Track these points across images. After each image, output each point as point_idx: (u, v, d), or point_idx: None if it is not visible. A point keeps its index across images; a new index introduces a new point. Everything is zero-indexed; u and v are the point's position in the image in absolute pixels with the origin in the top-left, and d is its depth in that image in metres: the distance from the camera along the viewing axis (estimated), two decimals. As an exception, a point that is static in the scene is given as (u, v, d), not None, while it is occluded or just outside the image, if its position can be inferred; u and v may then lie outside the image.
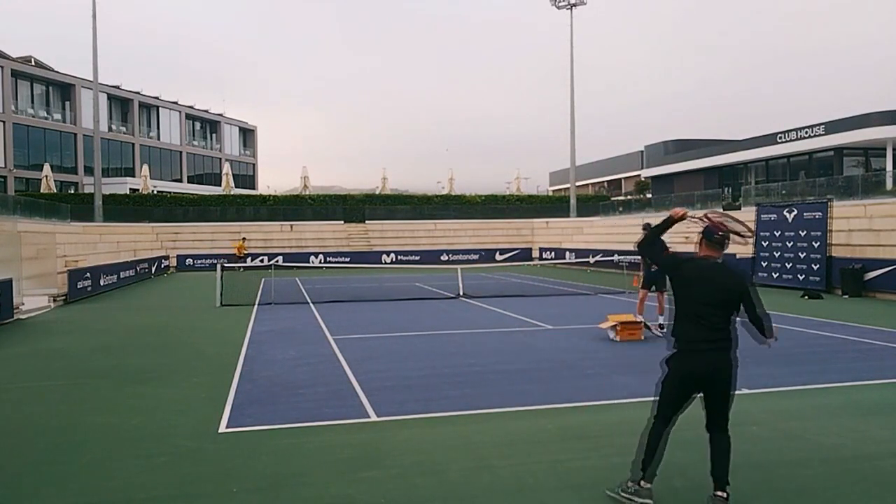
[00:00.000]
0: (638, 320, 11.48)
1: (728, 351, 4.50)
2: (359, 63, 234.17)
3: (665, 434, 4.55)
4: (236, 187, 53.63)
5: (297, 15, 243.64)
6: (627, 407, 6.98)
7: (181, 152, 64.20)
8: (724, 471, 4.41)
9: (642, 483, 4.47)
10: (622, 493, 4.50)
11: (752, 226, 22.56)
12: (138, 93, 59.64)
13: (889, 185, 27.84)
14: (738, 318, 4.58)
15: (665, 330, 12.35)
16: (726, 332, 4.49)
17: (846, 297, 18.36)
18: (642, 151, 58.31)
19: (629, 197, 54.43)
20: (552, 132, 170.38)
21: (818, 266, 19.62)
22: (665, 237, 5.11)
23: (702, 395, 4.55)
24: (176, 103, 64.27)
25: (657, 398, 4.64)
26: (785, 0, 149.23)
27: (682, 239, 29.07)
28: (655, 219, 35.42)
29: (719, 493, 4.35)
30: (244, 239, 35.36)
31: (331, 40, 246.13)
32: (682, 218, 4.68)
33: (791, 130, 39.44)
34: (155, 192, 48.48)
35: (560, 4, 42.44)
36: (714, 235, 4.54)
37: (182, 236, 38.46)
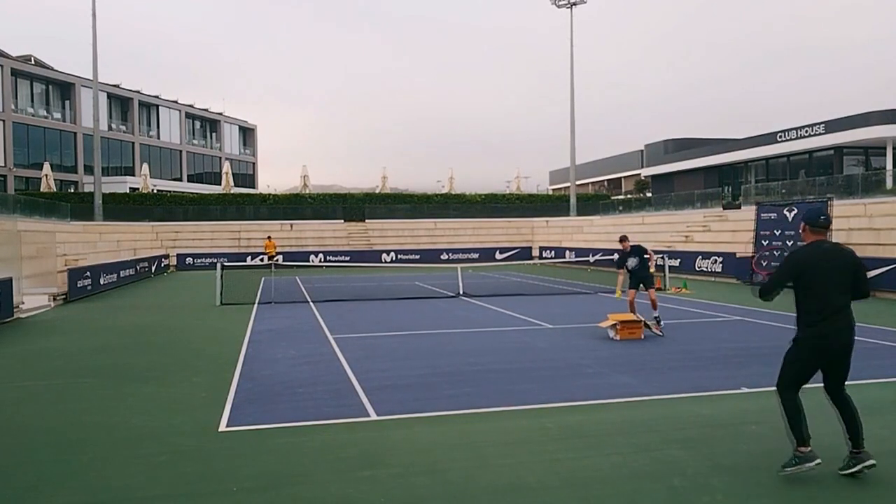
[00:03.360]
0: (638, 319, 11.48)
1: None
2: (358, 62, 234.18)
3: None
4: (236, 186, 53.62)
5: (297, 15, 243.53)
6: (627, 406, 6.98)
7: (181, 151, 64.21)
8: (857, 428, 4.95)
9: (801, 449, 4.81)
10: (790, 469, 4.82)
11: (752, 224, 22.60)
12: (138, 92, 59.63)
13: (889, 184, 27.86)
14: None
15: (661, 325, 12.35)
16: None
17: (846, 296, 18.36)
18: (642, 150, 58.35)
19: (629, 196, 54.45)
20: (552, 131, 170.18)
21: (818, 265, 19.61)
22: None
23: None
24: (176, 102, 64.28)
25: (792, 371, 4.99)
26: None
27: (683, 238, 29.01)
28: (654, 218, 35.18)
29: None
30: (270, 237, 34.22)
31: (330, 40, 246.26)
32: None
33: (791, 129, 39.46)
34: (155, 191, 48.48)
35: (560, 3, 42.41)
36: (820, 218, 5.06)
37: (182, 235, 38.45)
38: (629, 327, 11.22)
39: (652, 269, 12.53)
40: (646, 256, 12.35)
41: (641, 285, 12.28)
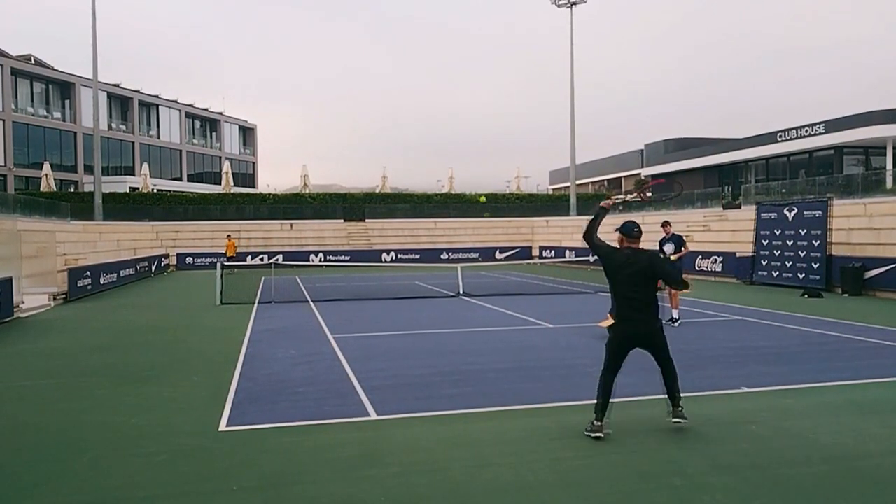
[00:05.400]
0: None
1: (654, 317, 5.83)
2: (358, 61, 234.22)
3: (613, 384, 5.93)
4: (236, 186, 53.59)
5: (297, 15, 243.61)
6: (628, 405, 6.98)
7: (181, 151, 64.21)
8: (676, 389, 6.01)
9: (595, 423, 5.81)
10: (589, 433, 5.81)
11: (752, 224, 22.61)
12: (138, 91, 59.62)
13: (889, 183, 27.86)
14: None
15: (677, 324, 12.38)
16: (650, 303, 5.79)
17: (846, 295, 18.35)
18: (642, 150, 58.32)
19: (629, 196, 54.41)
20: (552, 130, 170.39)
21: (818, 265, 19.62)
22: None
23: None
24: (176, 102, 64.26)
25: (606, 357, 5.98)
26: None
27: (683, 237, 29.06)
28: (656, 217, 35.38)
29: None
30: (229, 236, 32.58)
31: (330, 40, 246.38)
32: (610, 204, 6.12)
33: (791, 129, 39.43)
34: (155, 190, 48.46)
35: (560, 3, 42.35)
36: (633, 230, 5.79)
37: (182, 235, 38.44)
38: (629, 327, 11.20)
39: (673, 256, 12.70)
40: (682, 249, 12.67)
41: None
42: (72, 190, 49.37)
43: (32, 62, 53.06)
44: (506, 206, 46.19)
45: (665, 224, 13.49)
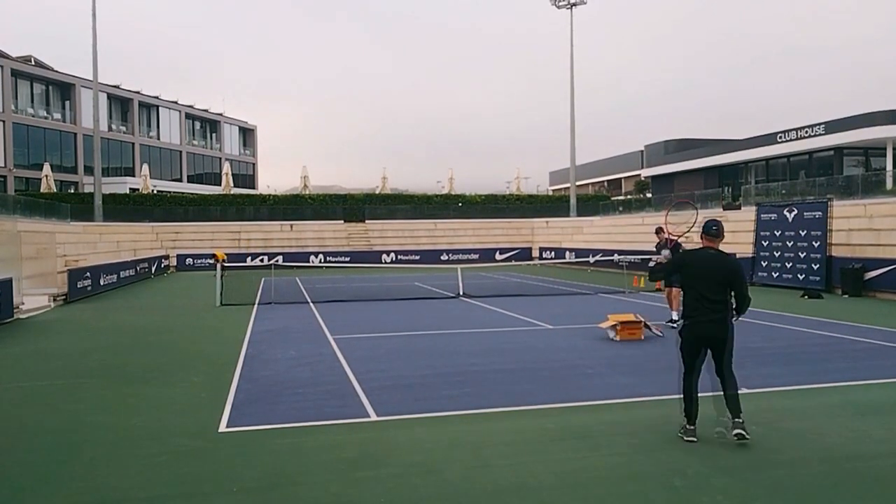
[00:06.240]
0: (638, 320, 11.48)
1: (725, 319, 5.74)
2: (358, 63, 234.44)
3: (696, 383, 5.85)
4: (236, 187, 53.56)
5: (298, 16, 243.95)
6: (628, 406, 6.98)
7: (181, 152, 64.18)
8: (736, 403, 5.70)
9: (688, 425, 5.77)
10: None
11: (753, 225, 22.63)
12: (138, 92, 59.61)
13: (889, 184, 27.82)
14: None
15: (677, 326, 12.39)
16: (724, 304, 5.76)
17: (846, 296, 18.36)
18: (642, 151, 58.34)
19: (629, 197, 54.43)
20: (552, 131, 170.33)
21: (818, 266, 19.63)
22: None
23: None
24: (176, 103, 64.24)
25: (682, 359, 5.91)
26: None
27: (683, 239, 29.03)
28: (654, 219, 35.28)
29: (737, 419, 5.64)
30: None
31: (330, 40, 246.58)
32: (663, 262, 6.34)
33: (791, 130, 39.43)
34: (155, 191, 48.45)
35: (560, 4, 42.38)
36: (712, 228, 5.80)
37: (182, 236, 38.44)
38: (629, 328, 11.22)
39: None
40: (679, 251, 12.51)
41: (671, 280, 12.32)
42: (72, 191, 49.35)
43: (32, 63, 53.05)
44: (506, 207, 46.19)
45: (658, 231, 13.43)
